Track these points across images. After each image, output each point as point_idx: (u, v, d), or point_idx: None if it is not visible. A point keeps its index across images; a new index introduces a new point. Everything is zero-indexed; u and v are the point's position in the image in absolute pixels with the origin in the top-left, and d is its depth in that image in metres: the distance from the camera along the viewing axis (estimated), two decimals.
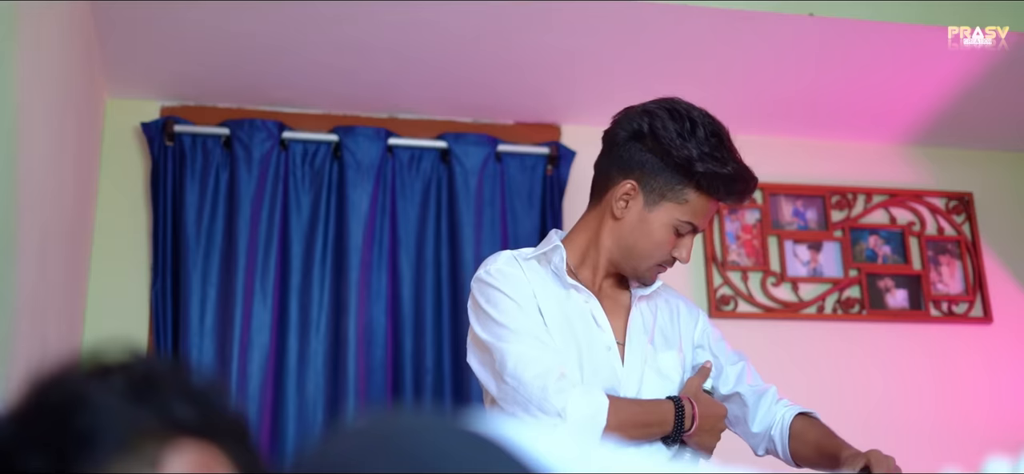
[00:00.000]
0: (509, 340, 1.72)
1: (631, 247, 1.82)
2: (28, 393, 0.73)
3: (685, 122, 1.76)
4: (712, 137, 1.76)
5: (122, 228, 3.05)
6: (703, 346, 1.96)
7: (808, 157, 3.55)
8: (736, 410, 1.94)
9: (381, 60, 2.96)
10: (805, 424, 1.88)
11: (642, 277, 1.86)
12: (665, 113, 1.78)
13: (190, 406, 0.74)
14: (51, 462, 0.68)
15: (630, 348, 1.83)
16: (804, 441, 1.86)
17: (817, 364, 3.30)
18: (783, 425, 1.89)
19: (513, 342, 1.71)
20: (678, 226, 1.78)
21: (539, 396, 1.65)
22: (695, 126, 1.76)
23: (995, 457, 0.78)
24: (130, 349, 0.77)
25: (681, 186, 1.76)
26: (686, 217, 1.78)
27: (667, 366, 1.86)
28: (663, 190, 1.77)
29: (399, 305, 3.06)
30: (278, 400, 2.92)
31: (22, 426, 0.71)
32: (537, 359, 1.69)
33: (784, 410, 1.91)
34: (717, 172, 1.74)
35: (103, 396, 0.71)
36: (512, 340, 1.72)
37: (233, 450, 0.76)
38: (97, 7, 2.63)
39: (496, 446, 0.65)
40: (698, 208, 1.78)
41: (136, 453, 0.70)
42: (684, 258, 1.82)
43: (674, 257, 1.82)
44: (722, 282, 3.33)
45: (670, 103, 1.80)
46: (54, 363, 0.75)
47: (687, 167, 1.74)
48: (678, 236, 1.80)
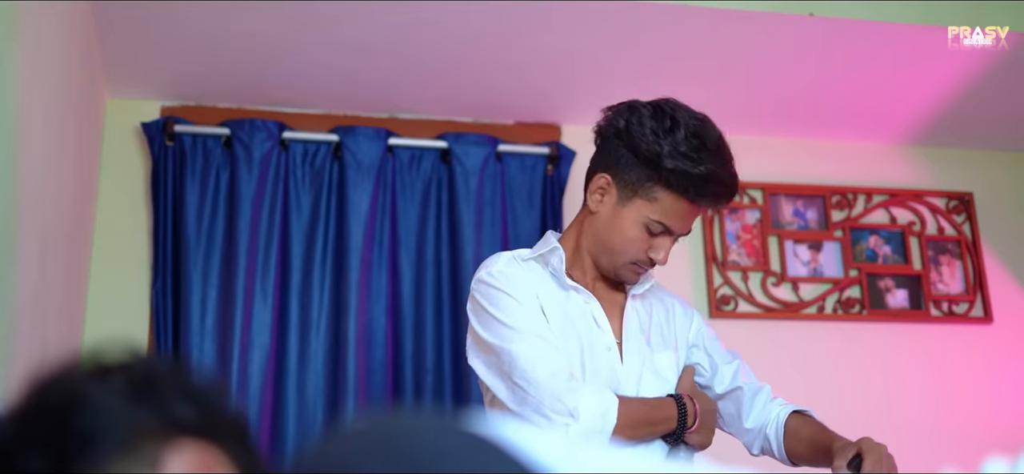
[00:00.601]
0: (515, 341, 1.71)
1: (605, 242, 1.81)
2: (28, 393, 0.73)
3: (665, 120, 1.73)
4: (693, 138, 1.71)
5: (122, 228, 3.06)
6: (698, 345, 1.96)
7: (808, 157, 3.55)
8: (730, 408, 1.94)
9: (381, 60, 2.96)
10: (799, 422, 1.88)
11: (620, 275, 1.84)
12: (648, 110, 1.75)
13: (190, 406, 0.74)
14: (51, 462, 0.68)
15: (627, 348, 1.83)
16: (798, 438, 1.86)
17: (817, 364, 3.30)
18: (778, 423, 1.89)
19: (519, 342, 1.71)
20: (649, 225, 1.75)
21: (551, 397, 1.65)
22: (676, 126, 1.72)
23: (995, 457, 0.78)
24: (130, 349, 0.77)
25: (651, 183, 1.74)
26: (656, 216, 1.75)
27: (664, 366, 1.86)
28: (635, 186, 1.76)
29: (399, 305, 3.06)
30: (278, 400, 2.92)
31: (22, 426, 0.71)
32: (546, 359, 1.69)
33: (779, 409, 1.91)
34: (686, 171, 1.70)
35: (103, 396, 0.71)
36: (518, 341, 1.71)
37: (233, 450, 0.76)
38: (97, 7, 2.63)
39: (496, 447, 0.65)
40: (669, 208, 1.74)
41: (136, 453, 0.70)
42: (660, 260, 1.78)
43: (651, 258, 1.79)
44: (722, 282, 3.33)
45: (660, 101, 1.78)
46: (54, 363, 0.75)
47: (655, 164, 1.72)
48: (652, 235, 1.77)
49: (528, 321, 1.73)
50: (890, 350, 3.38)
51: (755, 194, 3.45)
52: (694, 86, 3.15)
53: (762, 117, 3.40)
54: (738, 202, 3.42)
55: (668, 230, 1.76)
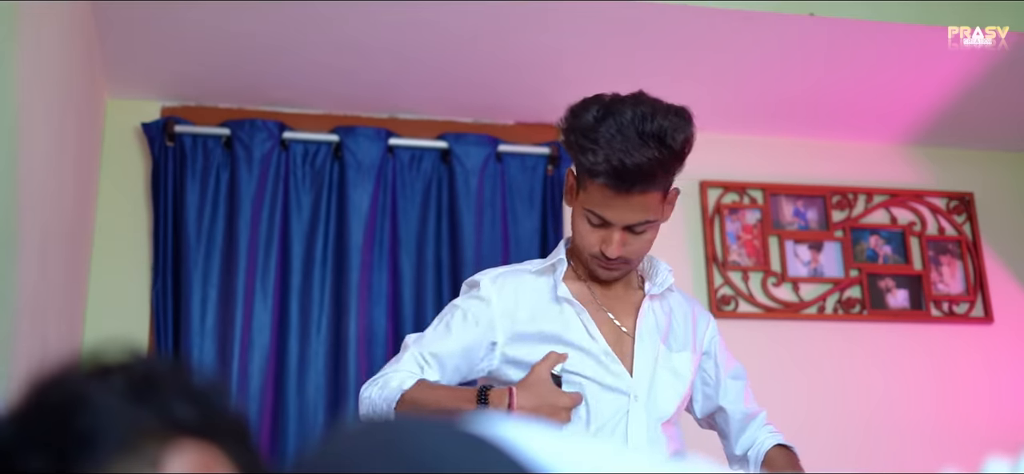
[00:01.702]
0: (413, 342, 1.85)
1: (574, 237, 1.83)
2: (28, 393, 0.73)
3: (602, 110, 1.69)
4: (622, 130, 1.66)
5: (123, 228, 3.06)
6: (709, 354, 1.97)
7: (809, 157, 3.55)
8: (722, 425, 1.99)
9: (381, 60, 2.97)
10: (778, 455, 1.92)
11: (593, 272, 1.84)
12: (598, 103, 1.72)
13: (190, 406, 0.74)
14: (51, 462, 0.68)
15: (640, 347, 1.83)
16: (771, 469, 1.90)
17: (818, 364, 3.31)
18: (759, 451, 1.94)
19: (412, 347, 1.83)
20: (589, 217, 1.75)
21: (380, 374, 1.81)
22: (609, 115, 1.68)
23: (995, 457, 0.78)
24: (130, 349, 0.77)
25: (581, 173, 1.74)
26: (589, 205, 1.73)
27: (681, 366, 1.87)
28: (578, 179, 1.77)
29: (400, 305, 3.06)
30: (278, 400, 2.92)
31: (22, 426, 0.71)
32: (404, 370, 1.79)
33: (766, 436, 1.95)
34: (594, 158, 1.67)
35: (103, 396, 0.71)
36: (413, 345, 1.83)
37: (234, 450, 0.76)
38: (98, 7, 2.63)
39: (495, 447, 0.66)
40: (597, 198, 1.72)
41: (136, 453, 0.70)
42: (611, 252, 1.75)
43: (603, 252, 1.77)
44: (723, 282, 3.33)
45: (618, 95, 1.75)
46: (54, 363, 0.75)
47: (576, 153, 1.72)
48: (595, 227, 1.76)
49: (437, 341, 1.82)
50: (891, 350, 3.38)
51: (755, 194, 3.45)
52: (695, 86, 3.15)
53: (762, 117, 3.40)
54: (739, 202, 3.42)
55: (605, 221, 1.74)
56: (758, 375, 3.28)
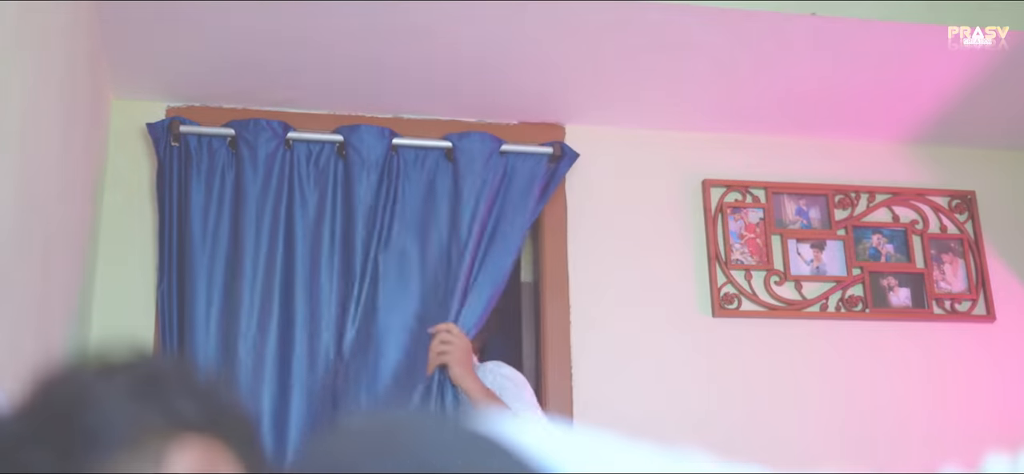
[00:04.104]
0: None
1: None
2: (34, 391, 0.74)
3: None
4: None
5: (128, 228, 3.06)
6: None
7: (811, 156, 3.55)
8: None
9: (385, 61, 2.97)
10: None
11: None
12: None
13: (195, 403, 0.75)
14: (57, 459, 0.69)
15: None
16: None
17: (821, 362, 3.31)
18: None
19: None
20: None
21: None
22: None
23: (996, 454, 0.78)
24: (135, 348, 0.78)
25: None
26: None
27: None
28: None
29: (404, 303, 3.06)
30: (283, 399, 2.92)
31: (28, 423, 0.72)
32: None
33: None
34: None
35: (108, 394, 0.72)
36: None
37: (238, 447, 0.77)
38: (103, 8, 2.64)
39: (497, 445, 0.66)
40: None
41: (141, 450, 0.70)
42: None
43: None
44: (725, 281, 3.33)
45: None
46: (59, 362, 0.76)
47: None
48: None
49: None
50: (893, 348, 3.38)
51: (758, 193, 3.45)
52: (696, 86, 3.15)
53: (765, 117, 3.40)
54: (741, 201, 3.42)
55: None
56: (762, 373, 3.30)
